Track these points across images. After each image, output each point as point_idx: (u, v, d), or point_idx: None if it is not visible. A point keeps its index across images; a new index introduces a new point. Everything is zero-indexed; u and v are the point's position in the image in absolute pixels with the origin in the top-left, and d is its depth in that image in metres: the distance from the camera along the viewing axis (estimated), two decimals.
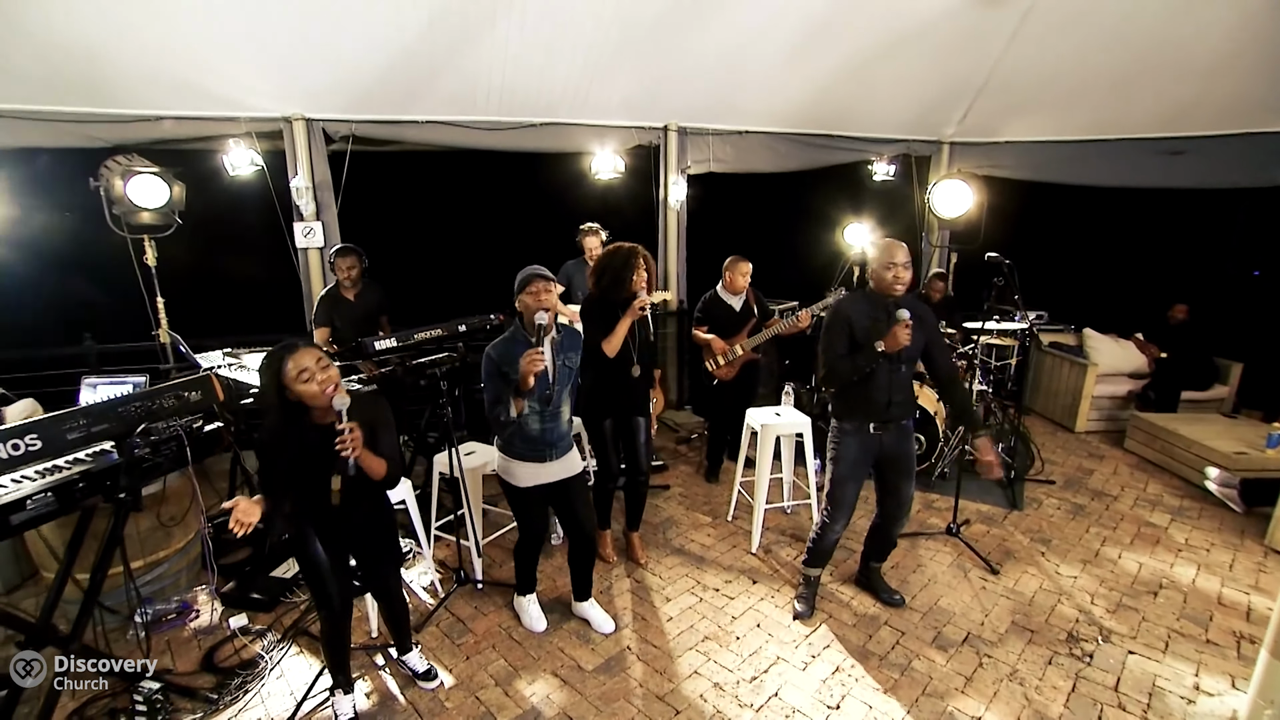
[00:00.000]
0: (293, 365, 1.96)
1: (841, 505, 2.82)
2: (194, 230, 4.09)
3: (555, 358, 2.55)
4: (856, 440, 2.74)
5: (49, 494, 2.06)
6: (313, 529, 2.16)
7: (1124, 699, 2.47)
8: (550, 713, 2.41)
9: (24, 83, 3.82)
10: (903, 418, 2.75)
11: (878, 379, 2.67)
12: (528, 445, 2.57)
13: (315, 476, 2.02)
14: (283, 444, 2.04)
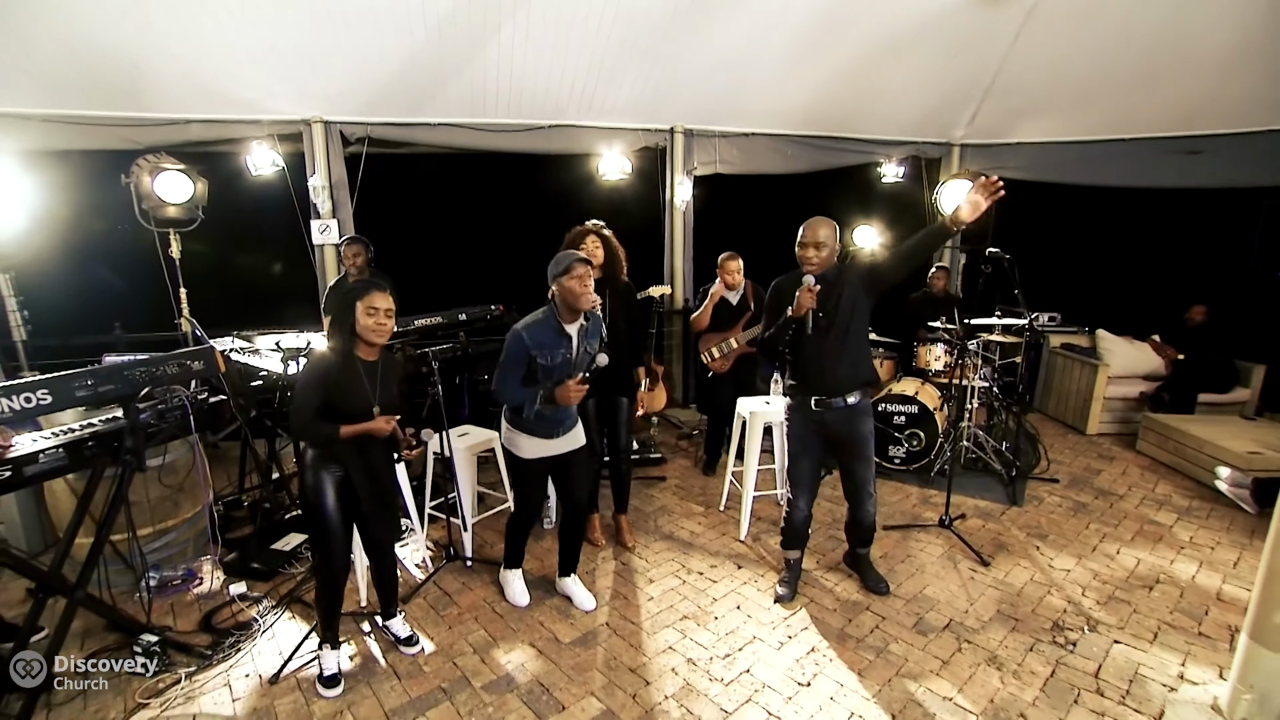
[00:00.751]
0: (366, 301, 2.25)
1: (798, 483, 2.86)
2: (218, 227, 4.34)
3: (580, 343, 2.64)
4: (800, 416, 2.81)
5: (60, 450, 2.24)
6: (335, 481, 2.30)
7: (1103, 685, 2.44)
8: (523, 680, 2.49)
9: (67, 90, 4.13)
10: (843, 391, 2.73)
11: (805, 349, 2.71)
12: (539, 422, 2.64)
13: (359, 410, 2.26)
14: (340, 371, 2.26)
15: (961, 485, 4.23)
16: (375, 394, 2.33)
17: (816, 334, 2.68)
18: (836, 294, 2.68)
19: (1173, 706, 2.33)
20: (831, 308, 2.67)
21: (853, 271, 2.74)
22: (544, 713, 2.31)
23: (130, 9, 3.68)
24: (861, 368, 2.77)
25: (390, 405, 2.38)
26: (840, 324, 2.69)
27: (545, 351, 2.51)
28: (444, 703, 2.36)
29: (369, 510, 2.43)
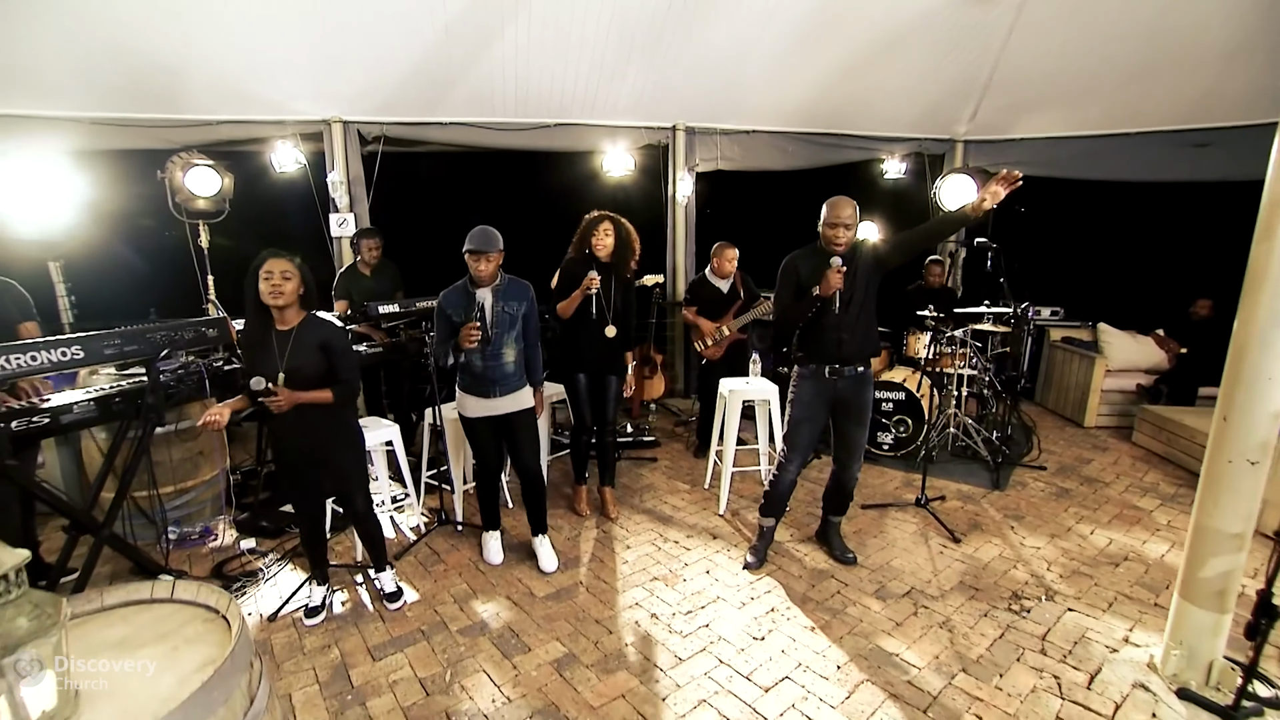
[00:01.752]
0: (264, 266, 2.39)
1: (796, 447, 3.02)
2: (244, 221, 4.69)
3: (496, 304, 2.87)
4: (812, 384, 2.95)
5: (91, 403, 2.54)
6: (276, 441, 2.54)
7: (1047, 646, 2.54)
8: (496, 626, 2.70)
9: (112, 95, 4.52)
10: (856, 361, 2.91)
11: (825, 321, 2.87)
12: (474, 381, 2.91)
13: (268, 376, 2.38)
14: (253, 338, 2.45)
15: (948, 471, 4.33)
16: (282, 361, 2.39)
17: (844, 307, 2.85)
18: (854, 271, 2.86)
19: (1110, 665, 2.42)
20: (850, 283, 2.84)
21: (867, 248, 2.92)
22: (510, 653, 2.52)
23: (170, 20, 4.04)
24: (871, 339, 2.96)
25: (299, 372, 2.41)
26: (858, 299, 2.87)
27: (456, 310, 2.82)
28: (421, 642, 2.59)
29: (306, 469, 2.60)
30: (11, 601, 0.95)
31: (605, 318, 3.41)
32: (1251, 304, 2.04)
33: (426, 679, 2.38)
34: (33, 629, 0.96)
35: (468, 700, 2.27)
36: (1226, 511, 2.12)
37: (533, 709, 2.23)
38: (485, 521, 3.22)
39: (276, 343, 2.43)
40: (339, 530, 3.42)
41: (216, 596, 1.32)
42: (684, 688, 2.33)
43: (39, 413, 2.39)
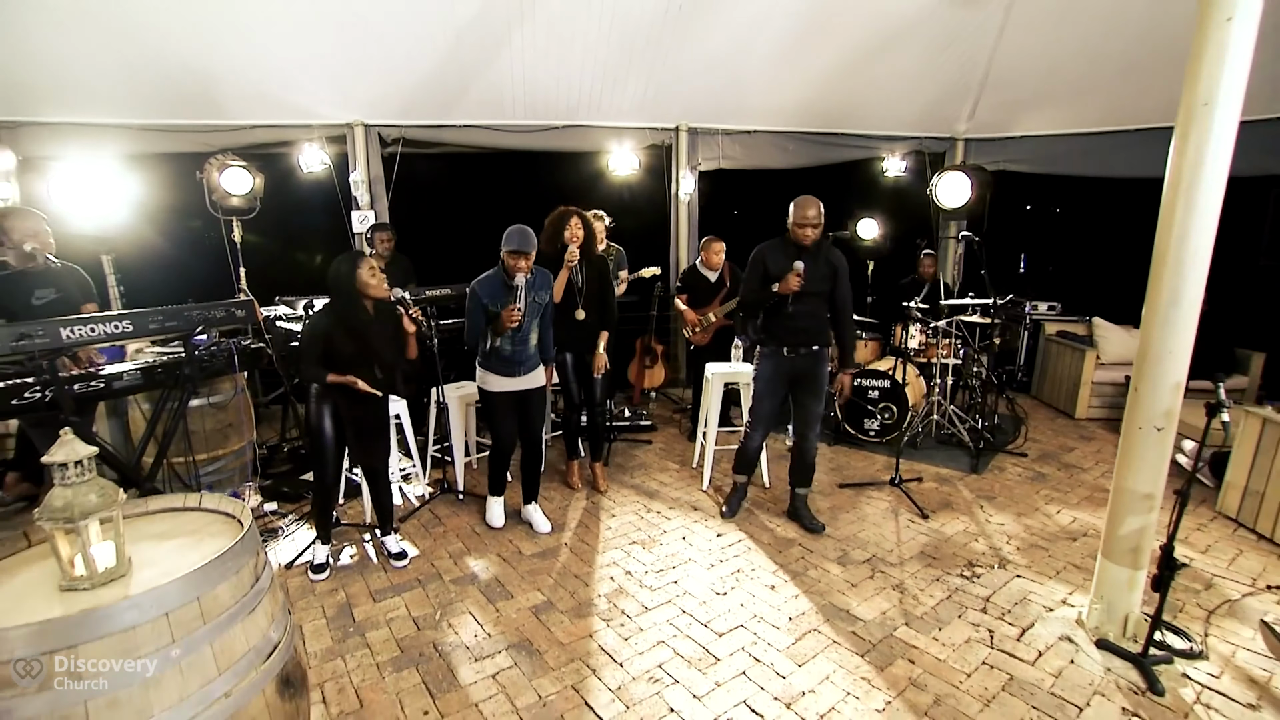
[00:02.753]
0: (366, 266, 2.79)
1: (759, 418, 3.37)
2: (274, 218, 5.14)
3: (527, 295, 3.21)
4: (772, 363, 3.30)
5: (137, 372, 2.96)
6: (335, 412, 2.90)
7: (989, 606, 2.77)
8: (485, 577, 3.03)
9: (157, 103, 5.00)
10: (810, 343, 3.24)
11: (783, 310, 3.20)
12: (502, 363, 3.25)
13: (365, 355, 2.83)
14: (348, 326, 2.80)
15: (930, 456, 4.54)
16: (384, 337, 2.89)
17: (798, 300, 3.17)
18: (813, 269, 3.17)
19: (1043, 621, 2.64)
20: (811, 276, 3.15)
21: (833, 255, 3.24)
22: (495, 599, 2.85)
23: (207, 34, 4.50)
24: (825, 324, 3.29)
25: (384, 356, 2.91)
26: (815, 291, 3.19)
27: (494, 300, 3.12)
28: (417, 589, 2.94)
29: (356, 438, 2.99)
30: (85, 481, 1.30)
31: (575, 301, 3.70)
32: (1156, 287, 2.26)
33: (419, 617, 2.72)
34: (99, 503, 1.30)
35: (453, 635, 2.60)
36: (1139, 474, 2.33)
37: (509, 643, 2.55)
38: (492, 488, 3.55)
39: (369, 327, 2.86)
40: (352, 497, 3.80)
41: (232, 505, 1.66)
42: (646, 631, 2.62)
43: (95, 378, 2.80)
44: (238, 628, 1.40)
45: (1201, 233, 2.13)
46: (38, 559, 1.45)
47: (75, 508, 1.27)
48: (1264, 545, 3.25)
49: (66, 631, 1.16)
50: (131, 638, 1.23)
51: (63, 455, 1.29)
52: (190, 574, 1.32)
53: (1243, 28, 2.01)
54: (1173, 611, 2.69)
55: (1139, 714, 2.14)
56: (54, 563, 1.35)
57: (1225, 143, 2.09)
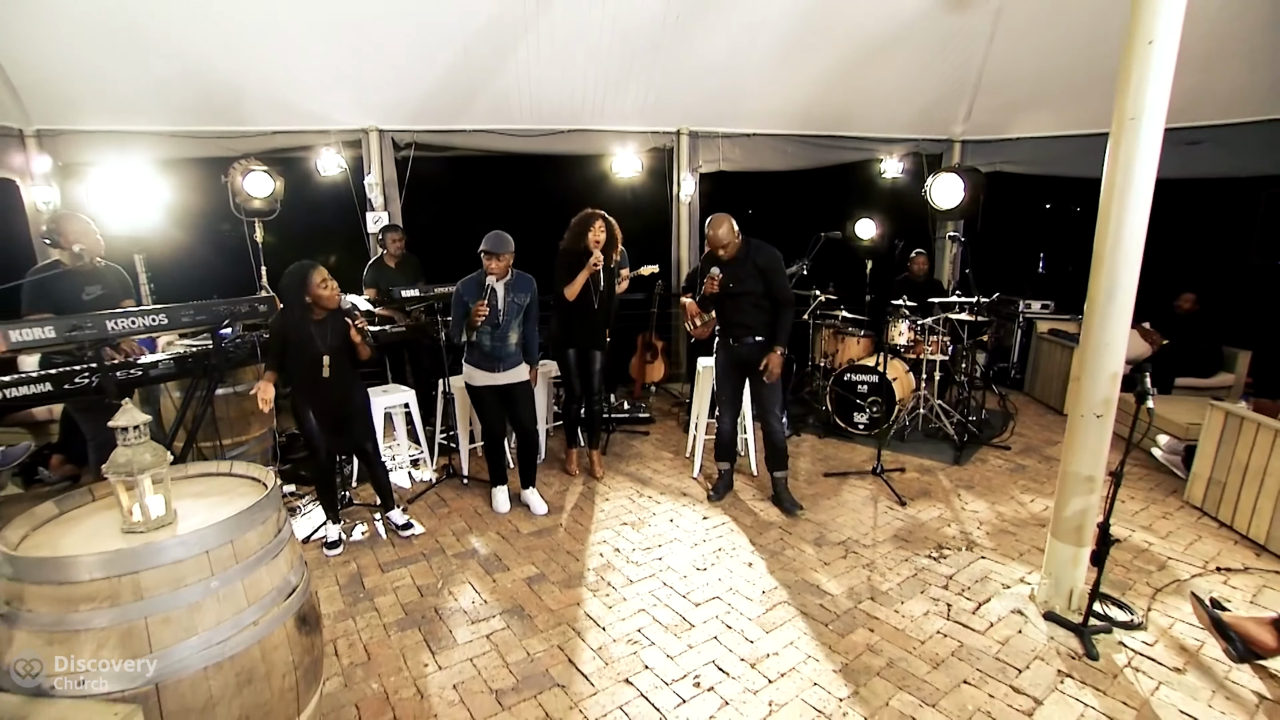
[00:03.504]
0: (317, 276, 3.04)
1: (723, 402, 3.78)
2: (292, 218, 5.46)
3: (507, 295, 3.49)
4: (723, 352, 3.72)
5: (171, 361, 3.28)
6: (308, 404, 3.20)
7: (950, 583, 2.99)
8: (484, 552, 3.31)
9: (185, 112, 5.36)
10: (748, 334, 3.60)
11: (723, 306, 3.65)
12: (482, 357, 3.54)
13: (312, 356, 3.08)
14: (295, 330, 3.08)
15: (916, 448, 4.74)
16: (325, 343, 3.09)
17: (728, 297, 3.51)
18: (743, 269, 3.51)
19: (999, 597, 2.86)
20: (738, 277, 3.51)
21: (760, 255, 3.52)
22: (492, 571, 3.13)
23: (231, 46, 4.83)
24: (760, 318, 3.55)
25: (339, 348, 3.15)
26: (743, 289, 3.52)
27: (473, 297, 3.43)
28: (422, 562, 3.23)
29: (328, 426, 3.26)
30: (141, 443, 1.58)
31: (592, 299, 3.97)
32: (1095, 285, 2.46)
33: (423, 586, 3.01)
34: (152, 461, 1.59)
35: (453, 601, 2.88)
36: (1081, 458, 2.55)
37: (503, 608, 2.82)
38: (493, 477, 3.83)
39: (316, 331, 3.10)
40: (364, 481, 4.10)
41: (259, 471, 1.95)
42: (629, 600, 2.88)
43: (135, 366, 3.13)
44: (264, 569, 1.69)
45: (1133, 235, 2.34)
46: (102, 509, 1.74)
47: (134, 464, 1.56)
48: (1223, 532, 3.42)
49: (129, 560, 1.45)
50: (179, 569, 1.51)
51: (125, 420, 1.58)
52: (225, 521, 1.60)
53: (1163, 50, 2.22)
54: (1122, 589, 2.89)
55: (1072, 675, 2.36)
56: (116, 513, 1.65)
57: (1151, 153, 2.29)
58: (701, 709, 2.23)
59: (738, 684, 2.35)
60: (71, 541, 1.57)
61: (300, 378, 3.16)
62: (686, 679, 2.37)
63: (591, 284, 3.94)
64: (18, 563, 1.42)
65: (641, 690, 2.32)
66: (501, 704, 2.25)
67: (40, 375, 2.81)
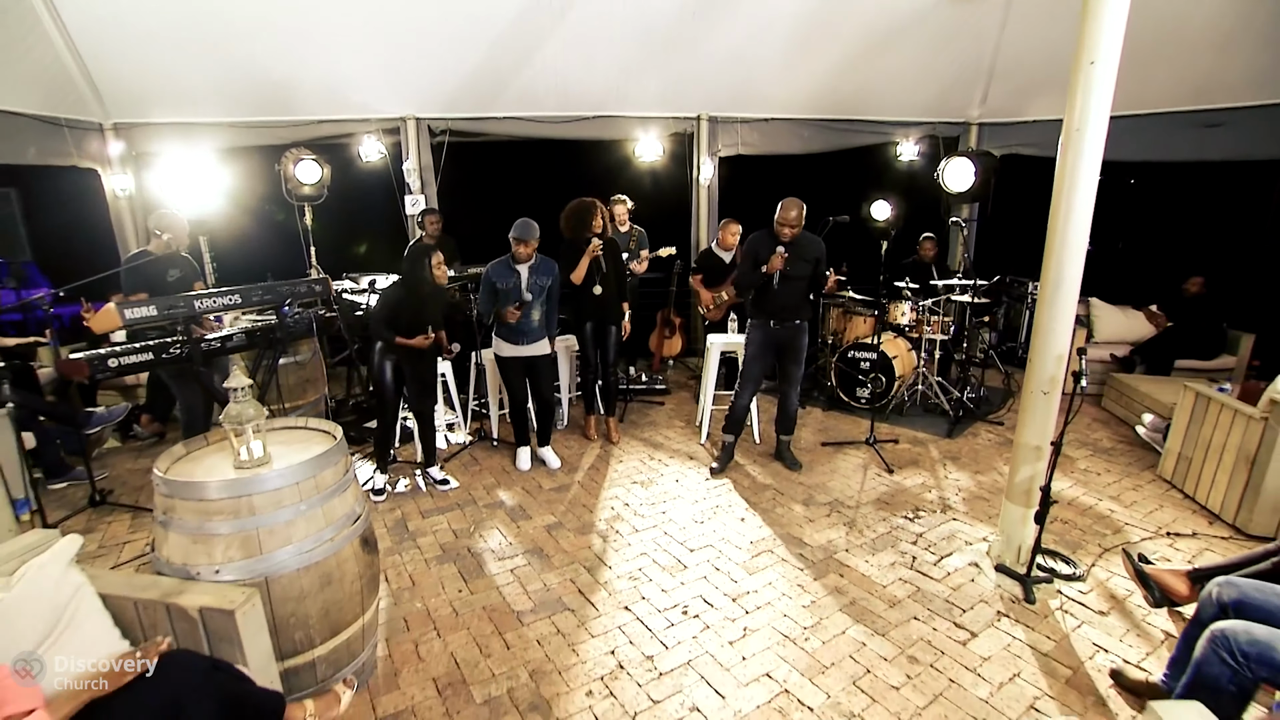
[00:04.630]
0: (436, 257, 3.59)
1: (747, 380, 4.10)
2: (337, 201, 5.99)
3: (531, 277, 3.96)
4: (760, 333, 4.02)
5: (243, 334, 3.84)
6: (392, 366, 3.72)
7: (920, 540, 3.40)
8: (510, 504, 3.84)
9: (243, 103, 5.90)
10: (792, 318, 3.95)
11: (770, 289, 3.90)
12: (509, 331, 4.03)
13: (419, 326, 3.63)
14: (415, 296, 3.62)
15: (913, 421, 5.11)
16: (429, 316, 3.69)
17: (783, 281, 3.87)
18: (800, 255, 3.87)
19: (960, 552, 3.27)
20: (795, 262, 3.87)
21: (815, 247, 3.93)
22: (517, 519, 3.65)
23: (283, 42, 5.32)
24: (804, 304, 3.98)
25: (436, 323, 3.73)
26: (797, 274, 3.88)
27: (501, 279, 3.91)
28: (456, 510, 3.76)
29: (413, 387, 3.83)
30: (247, 400, 2.10)
31: (594, 280, 4.38)
32: (1045, 275, 2.79)
33: (458, 529, 3.55)
34: (254, 415, 2.10)
35: (483, 542, 3.41)
36: (1030, 430, 2.91)
37: (525, 549, 3.34)
38: (517, 439, 4.36)
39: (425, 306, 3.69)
40: (405, 442, 4.65)
41: (329, 426, 2.46)
42: (633, 545, 3.37)
43: (215, 338, 3.70)
44: (337, 499, 2.20)
45: (1077, 231, 2.66)
46: (214, 451, 2.28)
47: (242, 416, 2.07)
48: (1185, 503, 3.74)
49: (244, 486, 1.97)
50: (278, 495, 2.03)
51: (235, 382, 2.09)
52: (308, 460, 2.11)
53: (1104, 69, 2.53)
54: (1073, 547, 3.26)
55: (1009, 615, 2.77)
56: (228, 453, 2.17)
57: (1093, 161, 2.60)
58: (686, 631, 2.71)
59: (719, 613, 2.82)
60: (200, 472, 2.10)
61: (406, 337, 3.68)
62: (676, 608, 2.86)
63: (601, 266, 4.35)
64: (170, 484, 1.95)
65: (638, 615, 2.81)
66: (521, 621, 2.77)
67: (142, 346, 3.38)
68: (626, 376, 5.69)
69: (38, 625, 1.66)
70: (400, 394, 3.85)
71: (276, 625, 2.02)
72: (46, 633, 1.67)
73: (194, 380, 3.72)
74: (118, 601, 1.84)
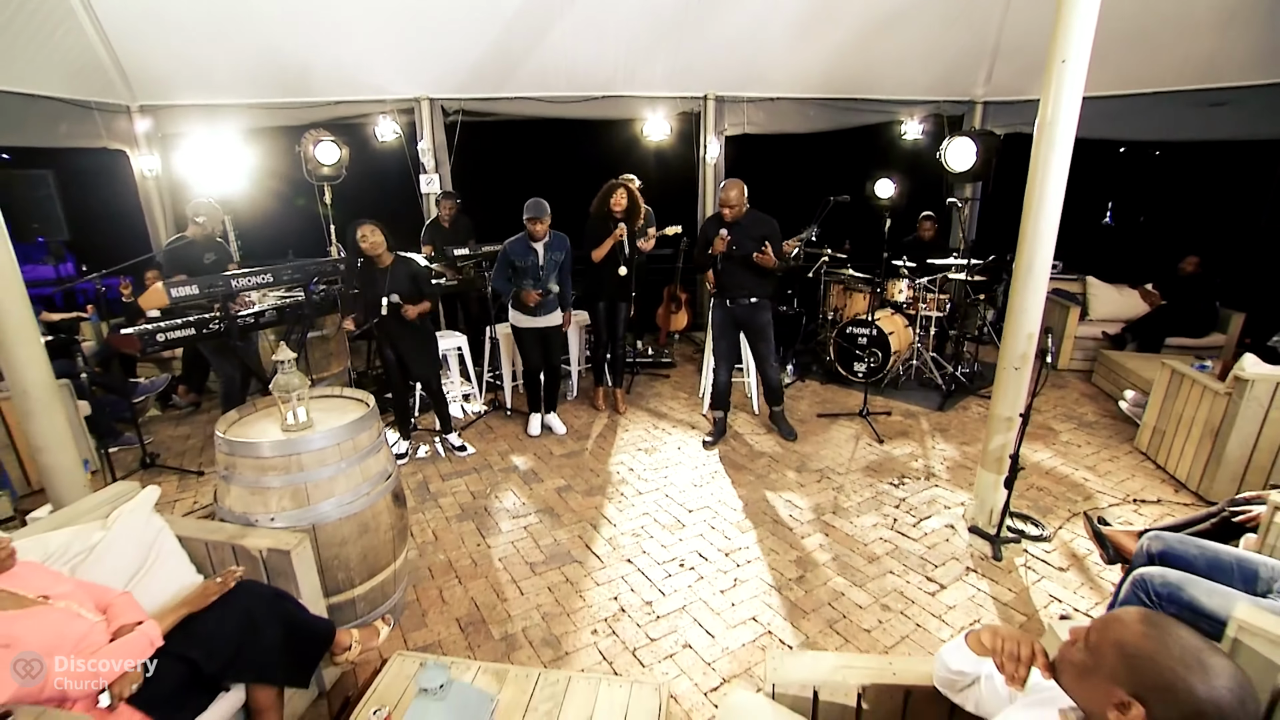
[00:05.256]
0: (360, 231, 3.80)
1: (718, 356, 4.40)
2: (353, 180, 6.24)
3: (545, 253, 4.22)
4: (719, 312, 4.32)
5: (275, 310, 4.15)
6: (387, 343, 4.01)
7: (902, 504, 3.68)
8: (523, 468, 4.16)
9: (265, 85, 6.13)
10: (746, 296, 4.18)
11: (719, 268, 4.19)
12: (522, 303, 4.30)
13: (375, 297, 3.85)
14: (358, 276, 3.89)
15: (907, 395, 5.36)
16: (386, 288, 3.83)
17: (729, 260, 4.07)
18: (746, 235, 4.05)
19: (938, 515, 3.55)
20: (740, 242, 4.05)
21: (761, 225, 4.10)
22: (530, 482, 3.97)
23: (301, 25, 5.54)
24: (757, 280, 4.13)
25: (401, 294, 3.85)
26: (743, 253, 4.06)
27: (519, 257, 4.18)
28: (473, 474, 4.09)
29: (401, 359, 4.06)
30: (292, 371, 2.40)
31: (619, 260, 4.66)
32: (1019, 258, 3.02)
33: (475, 491, 3.87)
34: (299, 384, 2.40)
35: (498, 503, 3.74)
36: (1003, 402, 3.16)
37: (537, 509, 3.66)
38: (530, 405, 4.67)
39: (378, 277, 3.87)
40: (425, 412, 4.98)
41: (362, 395, 2.76)
42: (636, 506, 3.68)
43: (249, 314, 4.00)
44: (371, 459, 2.51)
45: (1048, 219, 2.88)
46: (262, 417, 2.59)
47: (289, 385, 2.38)
48: (1157, 473, 3.99)
49: (293, 446, 2.28)
50: (321, 454, 2.34)
51: (283, 355, 2.39)
52: (347, 424, 2.42)
53: (1074, 68, 2.71)
54: (1044, 511, 3.53)
55: (976, 570, 3.06)
56: (275, 418, 2.48)
57: (1064, 154, 2.81)
58: (682, 580, 3.02)
59: (712, 565, 3.13)
60: (254, 434, 2.41)
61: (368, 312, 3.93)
62: (674, 561, 3.17)
63: (617, 248, 4.61)
64: (230, 444, 2.27)
65: (639, 567, 3.13)
66: (534, 571, 3.10)
67: (183, 322, 3.70)
68: (634, 350, 5.96)
69: (131, 559, 1.99)
70: (403, 367, 4.12)
71: (322, 566, 2.35)
72: (138, 566, 2.00)
73: (231, 353, 4.04)
74: (191, 543, 2.17)
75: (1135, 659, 0.96)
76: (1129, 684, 0.96)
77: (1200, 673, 0.91)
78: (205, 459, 4.37)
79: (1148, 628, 0.99)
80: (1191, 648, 0.94)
